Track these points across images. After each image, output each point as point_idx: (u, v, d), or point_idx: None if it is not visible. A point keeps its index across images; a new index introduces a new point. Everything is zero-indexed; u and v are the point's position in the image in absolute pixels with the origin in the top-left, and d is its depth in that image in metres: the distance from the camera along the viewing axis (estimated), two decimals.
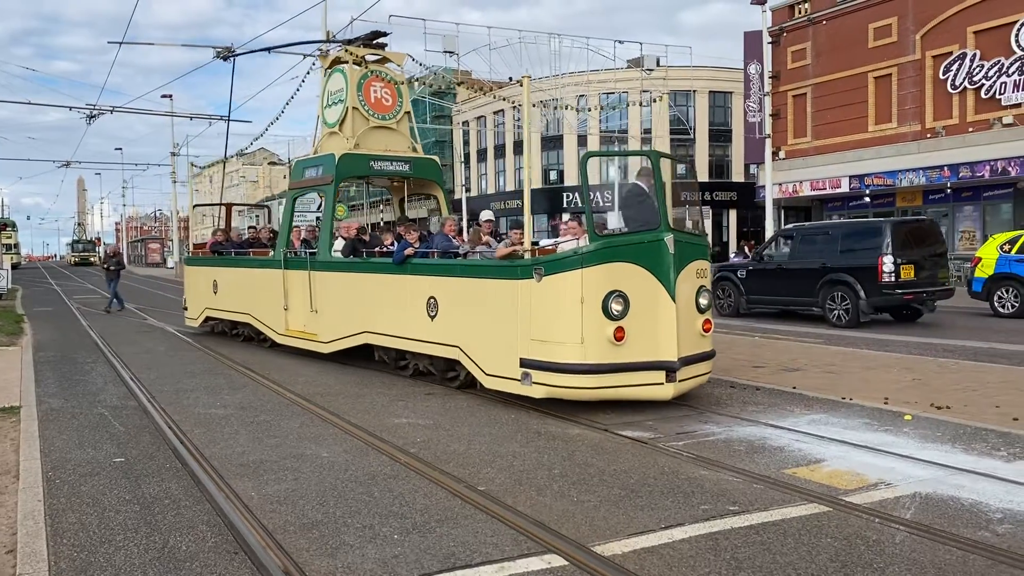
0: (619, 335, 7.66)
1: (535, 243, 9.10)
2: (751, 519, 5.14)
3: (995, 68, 26.55)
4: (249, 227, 16.76)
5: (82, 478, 6.28)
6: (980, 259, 18.55)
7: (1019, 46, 25.86)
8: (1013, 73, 26.12)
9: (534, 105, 49.72)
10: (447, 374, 9.81)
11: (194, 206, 22.79)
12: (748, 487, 5.82)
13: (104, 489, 5.99)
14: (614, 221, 10.00)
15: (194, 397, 9.59)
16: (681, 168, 9.68)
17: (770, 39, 32.54)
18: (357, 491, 5.82)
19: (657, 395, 7.89)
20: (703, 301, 8.33)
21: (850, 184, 30.57)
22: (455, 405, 8.88)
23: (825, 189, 31.63)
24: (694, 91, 47.05)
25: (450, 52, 35.57)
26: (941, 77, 28.15)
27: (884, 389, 8.86)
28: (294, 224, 13.73)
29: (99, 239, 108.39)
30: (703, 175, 46.75)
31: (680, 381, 7.88)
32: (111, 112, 33.45)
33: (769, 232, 26.55)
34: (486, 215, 10.97)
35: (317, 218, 18.04)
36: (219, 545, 4.84)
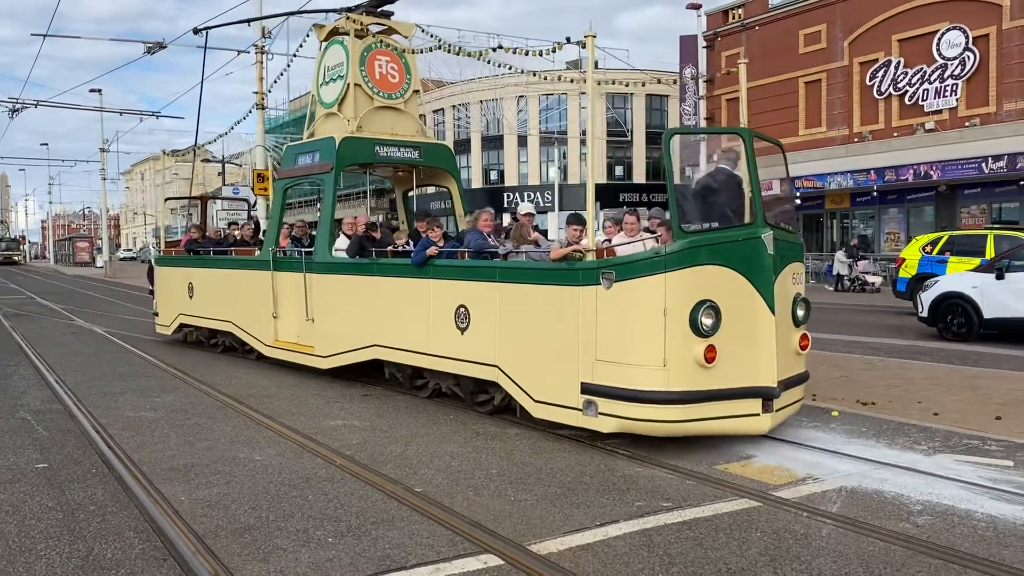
0: (710, 356, 6.28)
1: (609, 241, 7.88)
2: (684, 515, 5.23)
3: (918, 75, 27.50)
4: (231, 224, 15.05)
5: (1, 485, 6.06)
6: (904, 260, 19.20)
7: (940, 55, 26.83)
8: (935, 80, 27.10)
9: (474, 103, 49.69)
10: (477, 397, 8.34)
11: (165, 199, 20.49)
12: (681, 483, 5.91)
13: (25, 496, 5.78)
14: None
15: (123, 400, 9.33)
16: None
17: (705, 44, 33.16)
18: (291, 494, 5.74)
19: (752, 429, 6.62)
20: (800, 312, 7.03)
21: (780, 187, 31.29)
22: (392, 406, 8.82)
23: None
24: (631, 94, 47.60)
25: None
26: (868, 83, 29.04)
27: (812, 387, 9.12)
28: (284, 221, 12.22)
29: (23, 237, 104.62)
30: (639, 177, 47.42)
31: (777, 410, 6.61)
32: (36, 106, 32.31)
33: None
34: (526, 208, 9.09)
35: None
36: (147, 552, 4.72)
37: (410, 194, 13.36)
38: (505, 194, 48.55)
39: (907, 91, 27.87)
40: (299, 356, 10.71)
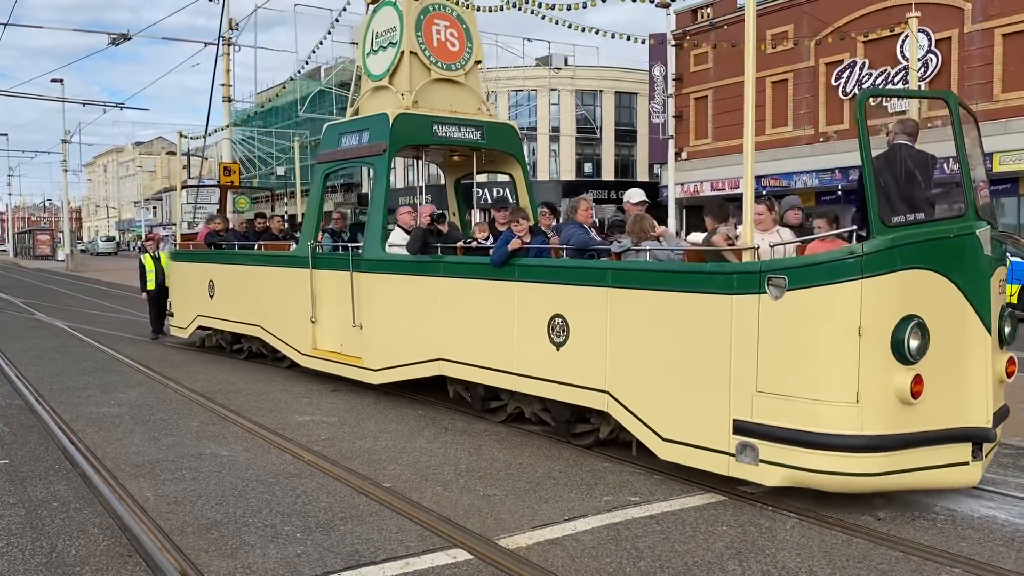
0: (917, 388, 4.97)
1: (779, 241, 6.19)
2: (651, 509, 5.29)
3: (882, 76, 27.93)
4: (257, 215, 13.50)
5: None
6: None
7: (904, 56, 27.27)
8: (898, 82, 27.54)
9: None
10: (575, 428, 6.94)
11: (183, 186, 18.45)
12: (649, 478, 5.97)
13: None
14: (637, 195, 7.33)
15: (86, 395, 9.19)
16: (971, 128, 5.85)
17: (674, 42, 33.37)
18: (258, 490, 5.71)
19: (961, 481, 5.27)
20: (1007, 329, 5.58)
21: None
22: (361, 402, 8.79)
23: (724, 189, 32.61)
24: (600, 91, 47.79)
25: (357, 43, 35.10)
26: (833, 84, 29.43)
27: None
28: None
29: None
30: (608, 174, 47.64)
31: (986, 455, 5.34)
32: None
33: (673, 231, 27.21)
34: (636, 195, 7.39)
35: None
36: (111, 548, 4.67)
37: (464, 182, 11.74)
38: (475, 189, 48.45)
39: None
40: (342, 368, 9.34)
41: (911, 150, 5.77)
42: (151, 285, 14.55)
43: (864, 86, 28.66)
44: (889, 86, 28.06)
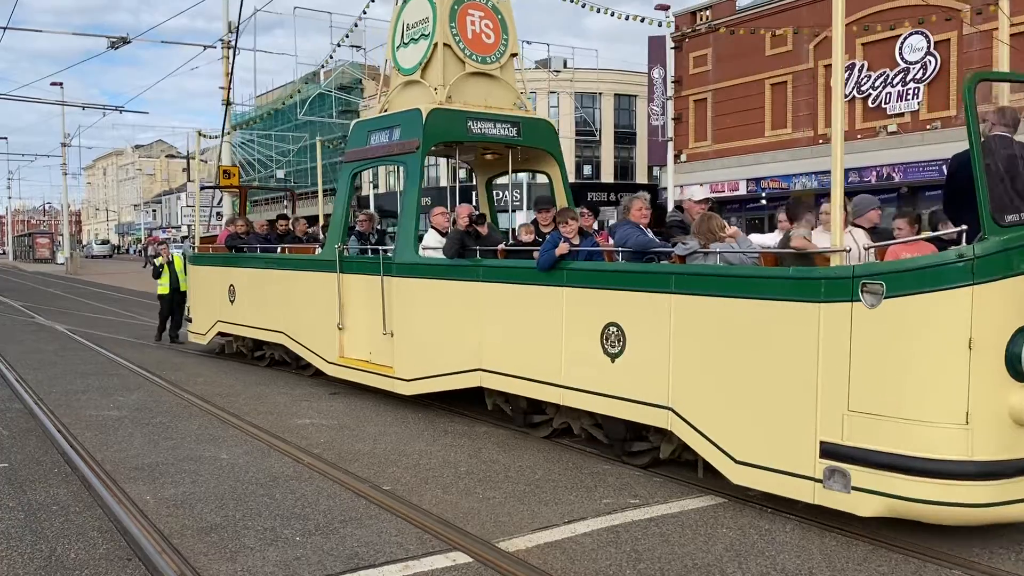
0: None
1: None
2: (651, 512, 5.29)
3: (881, 79, 27.96)
4: (279, 216, 12.97)
5: None
6: None
7: (902, 59, 27.31)
8: (897, 84, 27.57)
9: None
10: (630, 446, 6.44)
11: (200, 188, 18.08)
12: (648, 480, 5.97)
13: None
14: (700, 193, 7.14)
15: (85, 398, 9.19)
16: None
17: (673, 45, 33.41)
18: (258, 493, 5.71)
19: None
20: None
21: (747, 187, 31.65)
22: (361, 405, 8.79)
23: (724, 191, 32.63)
24: (600, 93, 47.81)
25: (357, 47, 35.13)
26: (832, 86, 29.50)
27: None
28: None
29: None
30: (608, 176, 47.67)
31: None
32: None
33: None
34: (699, 192, 7.05)
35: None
36: (111, 552, 4.66)
37: (497, 180, 11.13)
38: (472, 191, 48.45)
39: (870, 94, 28.32)
40: (372, 378, 8.86)
41: (1013, 142, 5.14)
42: (164, 289, 14.35)
43: (863, 88, 28.69)
44: (888, 88, 28.11)
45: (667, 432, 5.91)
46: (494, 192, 11.03)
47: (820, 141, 30.07)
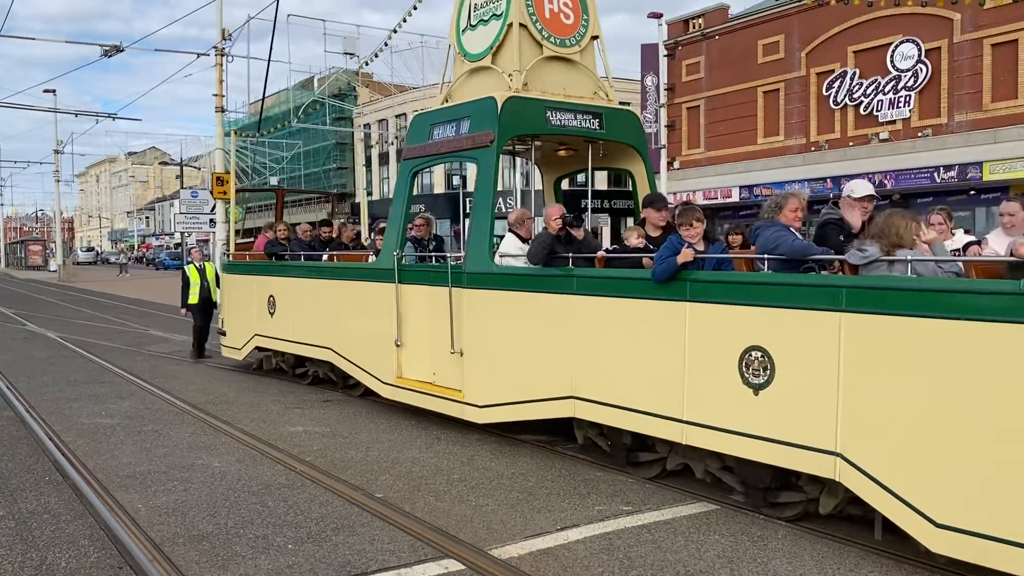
0: None
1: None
2: (644, 518, 5.30)
3: (872, 86, 28.10)
4: (322, 222, 12.00)
5: None
6: None
7: (894, 66, 27.46)
8: (888, 91, 27.72)
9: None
10: (776, 495, 5.39)
11: (237, 190, 16.21)
12: (641, 487, 5.98)
13: None
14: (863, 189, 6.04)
15: (77, 406, 9.16)
16: None
17: (666, 52, 33.53)
18: (250, 501, 5.69)
19: None
20: None
21: (740, 194, 31.77)
22: (353, 412, 8.77)
23: (717, 198, 32.73)
24: None
25: (350, 54, 35.20)
26: (824, 93, 29.58)
27: None
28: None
29: None
30: (601, 183, 47.74)
31: None
32: None
33: None
34: (862, 187, 6.12)
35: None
36: (102, 560, 4.65)
37: (565, 180, 9.84)
38: (468, 198, 48.43)
39: (862, 101, 28.46)
40: (436, 402, 7.77)
41: None
42: (194, 299, 13.24)
43: (855, 96, 28.85)
44: (880, 96, 28.26)
45: (829, 482, 4.95)
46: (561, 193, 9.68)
47: (812, 148, 30.21)
